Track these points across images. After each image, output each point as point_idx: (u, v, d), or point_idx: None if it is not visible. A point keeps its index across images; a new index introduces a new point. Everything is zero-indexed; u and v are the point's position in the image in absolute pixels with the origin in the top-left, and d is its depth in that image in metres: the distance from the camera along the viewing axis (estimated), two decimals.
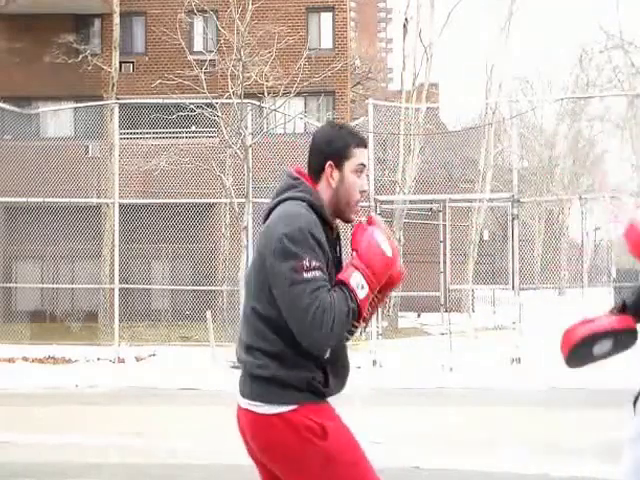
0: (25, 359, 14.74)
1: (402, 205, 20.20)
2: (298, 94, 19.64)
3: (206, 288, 19.40)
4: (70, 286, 22.57)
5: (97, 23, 26.72)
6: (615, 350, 3.36)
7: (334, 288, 2.88)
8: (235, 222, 16.71)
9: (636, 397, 3.42)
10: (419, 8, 24.17)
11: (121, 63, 23.43)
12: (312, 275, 2.83)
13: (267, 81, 18.10)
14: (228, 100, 17.10)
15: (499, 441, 7.99)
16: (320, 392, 2.95)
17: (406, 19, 24.90)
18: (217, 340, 15.19)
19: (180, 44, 19.94)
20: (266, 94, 18.27)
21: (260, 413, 2.91)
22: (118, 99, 18.99)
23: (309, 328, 2.81)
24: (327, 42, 26.69)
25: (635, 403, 3.42)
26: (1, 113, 24.01)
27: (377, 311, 2.96)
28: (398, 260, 3.01)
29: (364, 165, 3.07)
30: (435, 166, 24.69)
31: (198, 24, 23.89)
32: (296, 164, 3.34)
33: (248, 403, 2.95)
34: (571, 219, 37.50)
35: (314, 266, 2.84)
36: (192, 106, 16.87)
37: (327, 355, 2.92)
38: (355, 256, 2.95)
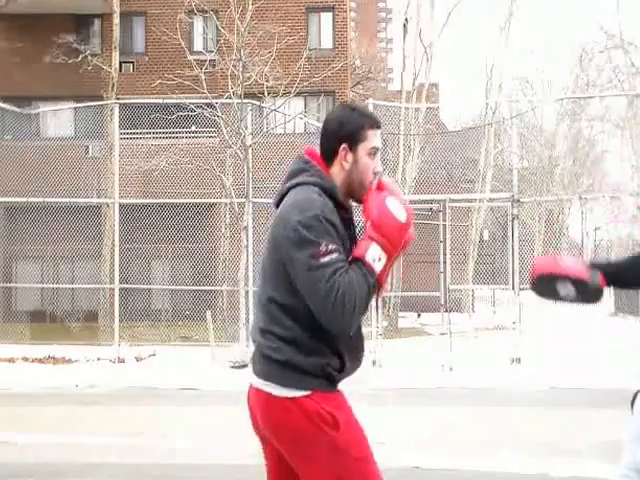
0: (25, 359, 14.72)
1: None
2: (298, 94, 19.64)
3: (206, 288, 19.40)
4: (70, 286, 22.58)
5: (97, 23, 26.74)
6: (580, 298, 3.40)
7: (351, 266, 2.87)
8: (235, 222, 16.70)
9: (634, 397, 3.43)
10: (419, 8, 24.21)
11: (121, 63, 23.44)
12: (329, 259, 2.83)
13: (267, 81, 18.09)
14: (228, 100, 17.08)
15: (499, 441, 7.99)
16: (333, 378, 2.97)
17: (406, 19, 24.94)
18: (217, 340, 15.19)
19: (180, 44, 19.93)
20: (266, 94, 18.26)
21: (274, 394, 2.92)
22: (118, 99, 18.98)
23: (332, 313, 2.82)
24: (327, 42, 26.71)
25: (633, 403, 3.43)
26: (1, 113, 24.04)
27: (389, 276, 2.97)
28: (411, 223, 2.98)
29: (378, 149, 3.06)
30: (435, 166, 24.70)
31: (198, 24, 23.90)
32: None
33: (262, 383, 2.96)
34: (571, 219, 37.53)
35: (331, 249, 2.84)
36: (192, 106, 16.85)
37: (351, 333, 2.93)
38: (369, 227, 2.94)
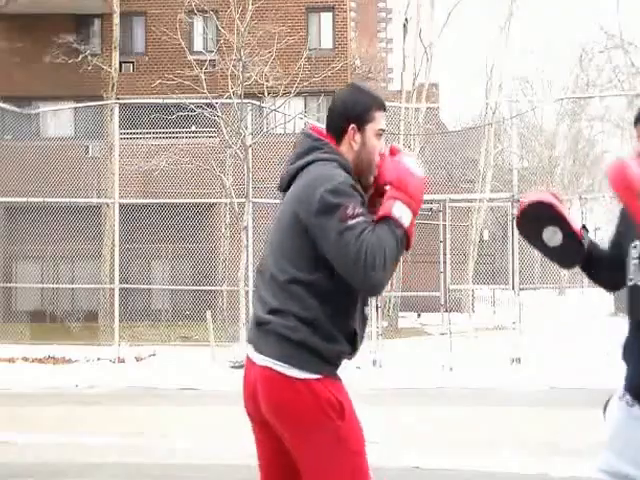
0: (25, 359, 14.73)
1: None
2: (298, 94, 19.65)
3: (206, 288, 19.40)
4: (70, 286, 22.58)
5: (97, 23, 26.74)
6: (559, 252, 3.36)
7: (377, 225, 2.89)
8: (235, 222, 16.71)
9: (605, 404, 3.41)
10: (419, 8, 24.20)
11: (121, 63, 23.44)
12: (356, 221, 2.84)
13: (267, 81, 18.11)
14: (228, 100, 17.09)
15: (499, 441, 7.99)
16: (339, 365, 3.00)
17: (406, 19, 24.92)
18: (217, 340, 15.19)
19: (180, 44, 19.94)
20: (266, 94, 18.27)
21: (284, 374, 2.89)
22: (118, 99, 18.98)
23: (363, 274, 2.83)
24: (327, 42, 26.71)
25: (604, 410, 3.41)
26: (1, 113, 24.04)
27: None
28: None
29: (384, 130, 3.09)
30: (435, 166, 24.68)
31: (198, 24, 23.90)
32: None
33: (273, 362, 2.91)
34: None
35: (357, 212, 2.86)
36: (192, 106, 16.86)
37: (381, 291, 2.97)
38: (391, 189, 2.96)
